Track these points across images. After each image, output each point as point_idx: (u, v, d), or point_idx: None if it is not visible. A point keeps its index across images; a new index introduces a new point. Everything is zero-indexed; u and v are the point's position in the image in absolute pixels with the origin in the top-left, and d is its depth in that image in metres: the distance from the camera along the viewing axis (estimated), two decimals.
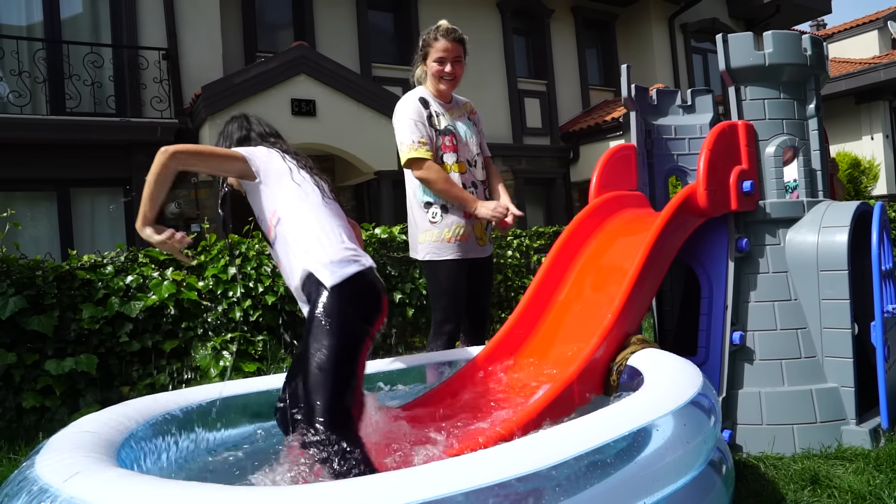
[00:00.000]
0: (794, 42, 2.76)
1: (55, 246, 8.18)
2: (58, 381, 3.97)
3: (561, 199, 12.37)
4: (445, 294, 2.89)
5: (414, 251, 2.97)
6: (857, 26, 19.88)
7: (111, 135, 8.10)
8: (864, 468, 2.21)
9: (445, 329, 2.91)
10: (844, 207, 2.69)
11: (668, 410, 1.54)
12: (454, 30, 2.92)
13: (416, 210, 2.93)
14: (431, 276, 2.94)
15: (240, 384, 2.27)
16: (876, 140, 16.49)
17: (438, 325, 2.93)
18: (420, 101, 2.90)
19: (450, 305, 2.89)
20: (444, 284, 2.89)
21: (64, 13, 8.45)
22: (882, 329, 2.57)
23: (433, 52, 2.90)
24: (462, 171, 2.91)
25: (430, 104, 2.93)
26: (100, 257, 4.44)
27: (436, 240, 2.87)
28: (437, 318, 2.93)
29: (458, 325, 2.94)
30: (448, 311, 2.90)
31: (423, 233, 2.90)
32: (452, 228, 2.86)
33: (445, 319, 2.90)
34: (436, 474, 1.16)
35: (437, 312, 2.93)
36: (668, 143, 3.21)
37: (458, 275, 2.90)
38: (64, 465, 1.28)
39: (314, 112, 8.36)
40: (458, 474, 1.15)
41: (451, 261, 2.87)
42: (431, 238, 2.88)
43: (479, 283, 3.01)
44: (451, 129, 2.93)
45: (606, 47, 13.60)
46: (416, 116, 2.86)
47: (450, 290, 2.89)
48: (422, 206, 2.90)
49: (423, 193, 2.90)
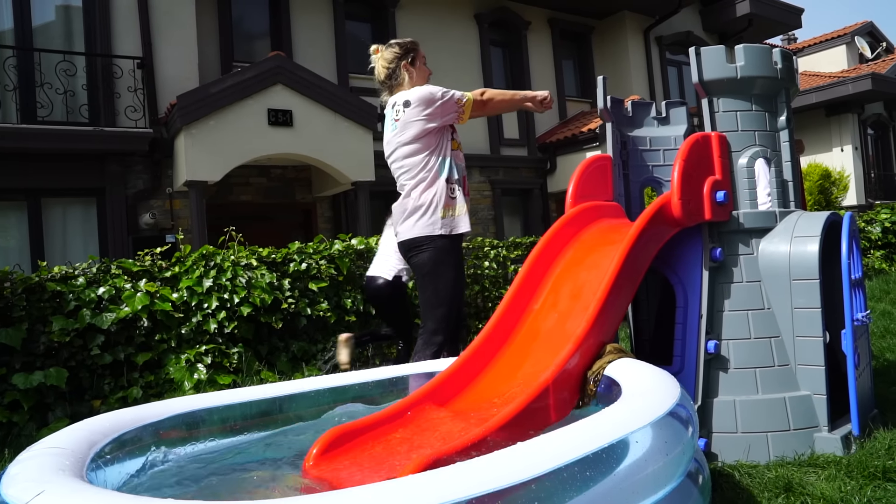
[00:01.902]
0: (765, 55, 2.81)
1: (25, 257, 8.02)
2: (26, 395, 3.89)
3: (538, 209, 12.43)
4: (444, 303, 2.86)
5: (426, 229, 2.90)
6: (827, 41, 20.34)
7: (84, 144, 7.97)
8: (835, 475, 2.23)
9: (437, 339, 2.86)
10: (815, 218, 2.73)
11: (647, 422, 1.54)
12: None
13: (436, 188, 2.94)
14: (452, 254, 2.91)
15: (214, 396, 2.24)
16: (846, 152, 16.84)
17: (431, 335, 2.86)
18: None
19: (445, 317, 2.86)
20: (444, 293, 2.86)
21: (36, 20, 8.33)
22: (852, 337, 2.61)
23: (420, 56, 3.16)
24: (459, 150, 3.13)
25: None
26: (71, 269, 4.37)
27: (458, 213, 2.95)
28: (430, 328, 2.87)
29: (447, 337, 2.89)
30: (442, 322, 2.86)
31: (443, 209, 2.92)
32: (464, 203, 3.01)
33: (438, 330, 2.86)
34: (399, 492, 1.13)
35: (430, 322, 2.87)
36: (644, 153, 3.24)
37: (463, 283, 2.92)
38: (29, 484, 1.25)
39: (291, 122, 8.32)
40: (426, 490, 1.13)
41: (461, 259, 2.97)
42: (455, 212, 2.94)
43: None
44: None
45: (583, 59, 13.74)
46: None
47: (449, 300, 2.86)
48: (445, 184, 2.95)
49: (449, 170, 2.97)
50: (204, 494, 1.76)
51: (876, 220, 9.28)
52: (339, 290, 5.17)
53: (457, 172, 3.01)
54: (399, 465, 1.75)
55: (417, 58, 3.13)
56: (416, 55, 3.13)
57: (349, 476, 1.78)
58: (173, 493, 1.76)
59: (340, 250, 5.23)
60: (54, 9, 8.49)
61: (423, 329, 2.91)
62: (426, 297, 2.91)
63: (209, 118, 7.79)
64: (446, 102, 2.96)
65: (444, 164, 2.96)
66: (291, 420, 2.34)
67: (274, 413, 2.31)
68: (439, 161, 2.96)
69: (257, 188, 9.48)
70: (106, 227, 8.45)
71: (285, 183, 9.81)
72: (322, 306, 4.95)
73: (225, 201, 9.20)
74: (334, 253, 5.19)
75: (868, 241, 9.05)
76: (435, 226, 2.89)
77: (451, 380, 2.38)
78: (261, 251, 4.95)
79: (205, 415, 2.13)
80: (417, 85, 3.07)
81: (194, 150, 7.76)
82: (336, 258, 5.16)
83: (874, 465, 2.24)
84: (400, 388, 2.56)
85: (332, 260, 5.16)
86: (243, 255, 4.84)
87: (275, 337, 4.83)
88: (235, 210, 9.24)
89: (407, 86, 3.09)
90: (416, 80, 3.10)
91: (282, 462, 1.99)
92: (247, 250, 4.94)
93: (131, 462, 1.84)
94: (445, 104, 2.96)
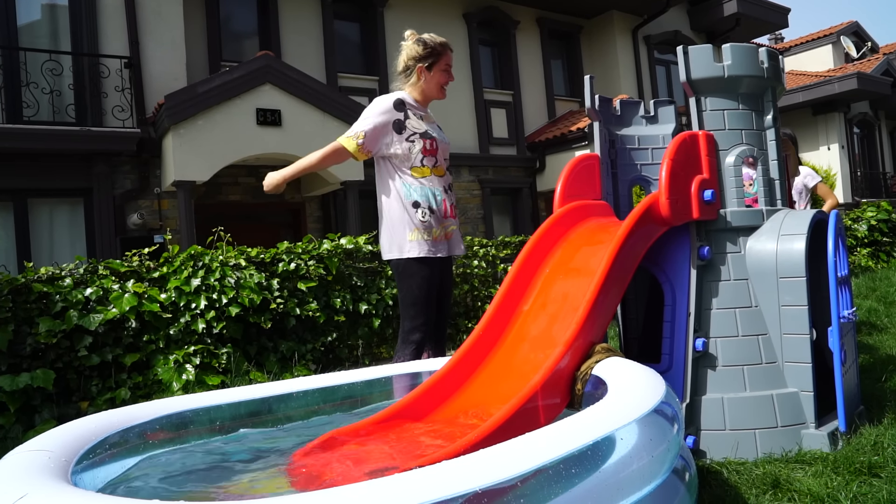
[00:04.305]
0: (752, 55, 2.82)
1: (11, 258, 7.96)
2: (12, 397, 3.85)
3: (527, 208, 12.45)
4: (417, 303, 2.88)
5: (395, 251, 2.93)
6: (813, 40, 20.50)
7: (71, 144, 7.92)
8: (822, 471, 2.25)
9: (414, 338, 2.88)
10: (802, 216, 2.75)
11: (632, 419, 1.54)
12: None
13: (402, 209, 2.93)
14: (409, 280, 2.90)
15: (203, 397, 2.23)
16: (833, 150, 16.99)
17: (406, 334, 2.90)
18: (396, 104, 2.97)
19: (419, 314, 2.88)
20: (417, 292, 2.87)
21: (21, 19, 8.26)
22: (839, 334, 2.63)
23: (442, 62, 3.03)
24: (441, 175, 3.01)
25: (409, 108, 3.00)
26: (58, 270, 4.33)
27: (427, 238, 2.90)
28: (406, 328, 2.91)
29: (426, 335, 2.92)
30: (417, 320, 2.88)
31: (412, 231, 2.90)
32: (440, 227, 2.94)
33: (414, 329, 2.89)
34: (382, 491, 1.12)
35: (406, 321, 2.91)
36: (632, 152, 3.25)
37: (433, 283, 2.91)
38: (12, 488, 1.24)
39: (279, 122, 8.30)
40: (411, 488, 1.12)
41: (435, 260, 2.90)
42: (423, 236, 2.90)
43: (443, 289, 3.04)
44: (431, 134, 3.01)
45: (571, 58, 13.78)
46: (380, 118, 2.93)
47: (423, 299, 2.88)
48: (410, 205, 2.92)
49: (410, 193, 2.93)
50: (191, 496, 1.75)
51: (862, 217, 9.36)
52: (329, 289, 5.16)
53: (418, 195, 2.93)
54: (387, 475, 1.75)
55: (437, 63, 3.01)
56: (436, 61, 3.01)
57: (337, 477, 1.78)
58: (160, 494, 1.75)
59: (329, 250, 5.22)
60: (40, 7, 8.42)
61: (401, 328, 2.95)
62: (402, 297, 2.95)
63: (197, 118, 7.75)
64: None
65: (399, 183, 2.95)
66: (281, 421, 2.33)
67: (263, 414, 2.30)
68: (393, 179, 2.96)
69: (246, 188, 9.45)
70: (93, 228, 8.39)
71: None
72: (311, 306, 4.93)
73: (213, 201, 9.16)
74: (323, 252, 5.17)
75: (854, 239, 9.12)
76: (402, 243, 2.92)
77: (441, 383, 2.38)
78: (249, 251, 4.94)
79: (193, 416, 2.12)
80: (425, 90, 3.03)
81: (182, 150, 7.71)
82: (325, 258, 5.15)
83: (860, 460, 2.25)
84: (387, 389, 2.56)
85: (320, 259, 5.15)
86: (232, 256, 4.82)
87: (264, 337, 4.81)
88: (224, 210, 9.21)
89: (414, 88, 3.04)
90: (425, 85, 3.03)
91: (269, 463, 1.98)
92: (235, 250, 4.92)
93: (118, 464, 1.83)
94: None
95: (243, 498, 1.62)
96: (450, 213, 3.02)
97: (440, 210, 2.97)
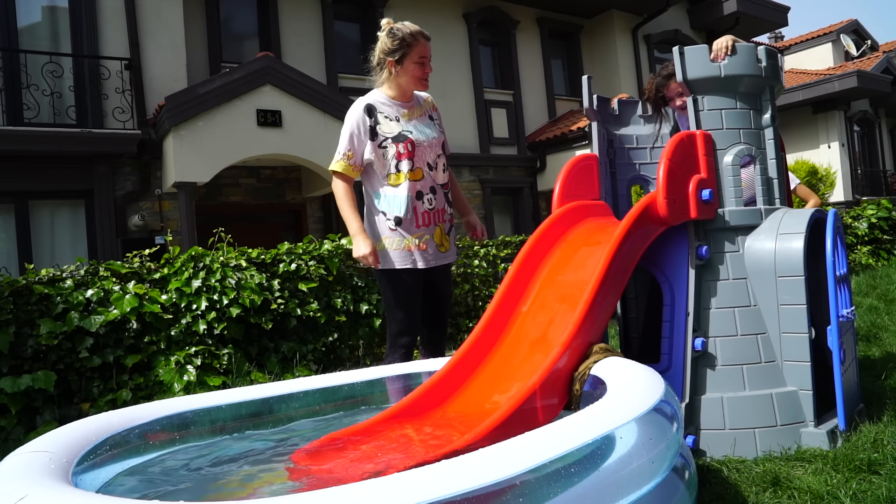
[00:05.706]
0: (749, 54, 2.83)
1: (13, 260, 7.97)
2: (13, 399, 3.86)
3: (528, 208, 12.45)
4: (401, 306, 2.87)
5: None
6: (813, 39, 20.49)
7: (72, 146, 7.93)
8: (822, 469, 2.25)
9: (402, 342, 2.87)
10: (800, 215, 2.75)
11: (631, 418, 1.55)
12: (425, 31, 2.96)
13: (374, 219, 2.92)
14: (387, 286, 2.89)
15: (204, 398, 2.23)
16: (833, 148, 16.97)
17: (394, 337, 2.89)
18: (365, 110, 2.89)
19: (406, 318, 2.86)
20: (399, 296, 2.86)
21: (21, 21, 8.28)
22: (838, 333, 2.63)
23: (414, 54, 2.88)
24: (417, 178, 2.89)
25: (380, 111, 2.91)
26: (58, 271, 4.34)
27: (397, 248, 2.85)
28: (393, 331, 2.89)
29: (414, 337, 2.91)
30: (404, 323, 2.86)
31: (383, 240, 2.88)
32: (414, 237, 2.86)
33: (401, 332, 2.87)
34: (381, 490, 1.13)
35: (393, 325, 2.89)
36: (631, 152, 3.26)
37: (415, 285, 2.88)
38: (13, 489, 1.24)
39: (280, 123, 8.30)
40: (411, 489, 1.13)
41: (411, 270, 2.86)
42: (392, 246, 2.86)
43: (438, 292, 3.00)
44: (406, 135, 2.89)
45: (572, 58, 13.78)
46: (355, 128, 2.88)
47: (406, 302, 2.86)
48: (378, 216, 2.90)
49: (379, 203, 2.89)
50: (191, 496, 1.76)
51: (862, 215, 9.37)
52: (329, 290, 5.17)
53: (386, 205, 2.88)
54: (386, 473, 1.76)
55: (409, 55, 2.86)
56: (407, 53, 2.86)
57: (337, 477, 1.78)
58: (161, 495, 1.76)
59: (330, 250, 5.22)
60: (40, 9, 8.43)
61: (388, 332, 2.93)
62: (385, 301, 2.94)
63: (198, 119, 7.76)
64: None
65: (371, 192, 2.94)
66: (282, 421, 2.34)
67: (264, 414, 2.31)
68: (369, 187, 2.95)
69: (247, 189, 9.46)
70: (94, 230, 8.40)
71: (275, 183, 9.78)
72: (312, 307, 4.94)
73: (214, 202, 9.17)
74: (324, 253, 5.18)
75: (854, 237, 9.12)
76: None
77: (441, 383, 2.39)
78: (250, 252, 4.94)
79: (194, 417, 2.12)
80: (401, 85, 2.92)
81: (183, 152, 7.72)
82: (326, 258, 5.15)
83: (859, 458, 2.26)
84: (387, 389, 2.57)
85: (321, 260, 5.15)
86: (233, 256, 4.83)
87: (265, 338, 4.82)
88: (225, 211, 9.22)
89: (388, 84, 2.93)
90: (398, 79, 2.91)
91: (270, 464, 1.99)
92: (236, 251, 4.93)
93: (119, 464, 1.84)
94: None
95: (244, 498, 1.62)
96: (425, 222, 2.89)
97: (410, 219, 2.87)
